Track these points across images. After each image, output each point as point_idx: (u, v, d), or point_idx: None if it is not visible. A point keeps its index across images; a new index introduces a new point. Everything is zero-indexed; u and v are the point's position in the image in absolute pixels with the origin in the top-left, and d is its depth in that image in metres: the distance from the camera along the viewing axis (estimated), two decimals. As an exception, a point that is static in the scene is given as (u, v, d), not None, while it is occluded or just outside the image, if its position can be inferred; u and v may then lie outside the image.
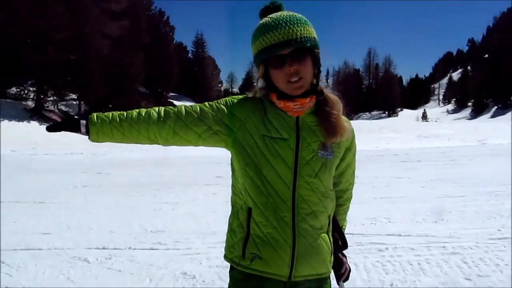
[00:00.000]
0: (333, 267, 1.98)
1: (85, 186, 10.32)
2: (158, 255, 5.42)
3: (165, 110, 1.87)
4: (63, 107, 45.16)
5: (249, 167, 1.78)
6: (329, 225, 1.91)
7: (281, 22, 1.71)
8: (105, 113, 1.90)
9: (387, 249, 5.42)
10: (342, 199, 2.08)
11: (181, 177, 11.29)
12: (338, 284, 2.08)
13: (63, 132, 1.89)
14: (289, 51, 1.70)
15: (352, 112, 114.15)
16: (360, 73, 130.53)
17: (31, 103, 42.66)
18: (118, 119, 1.86)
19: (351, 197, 2.16)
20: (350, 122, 1.94)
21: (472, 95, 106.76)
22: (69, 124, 1.87)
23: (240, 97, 1.88)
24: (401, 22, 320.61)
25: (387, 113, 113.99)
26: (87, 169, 13.24)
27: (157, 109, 1.88)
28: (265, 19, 1.77)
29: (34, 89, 43.16)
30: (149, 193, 9.12)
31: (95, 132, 1.85)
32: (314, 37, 1.76)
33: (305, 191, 1.77)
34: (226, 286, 1.96)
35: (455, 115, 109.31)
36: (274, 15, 1.76)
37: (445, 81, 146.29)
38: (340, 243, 2.04)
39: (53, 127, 1.88)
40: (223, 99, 1.87)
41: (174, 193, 9.22)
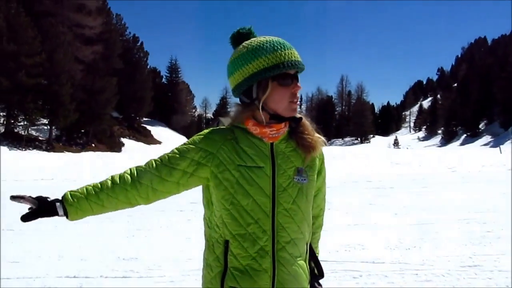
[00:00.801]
0: None
1: (56, 213, 10.09)
2: (131, 283, 5.32)
3: (137, 169, 1.86)
4: (33, 132, 44.47)
5: (226, 200, 1.76)
6: (306, 252, 1.91)
7: (286, 44, 1.78)
8: (78, 189, 1.87)
9: (361, 276, 5.44)
10: (314, 226, 2.04)
11: (154, 204, 11.12)
12: None
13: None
14: (294, 72, 1.77)
15: (325, 138, 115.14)
16: (333, 100, 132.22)
17: (0, 128, 41.90)
18: (94, 193, 1.84)
19: (322, 224, 2.15)
20: (320, 134, 1.97)
21: (441, 123, 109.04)
22: (44, 209, 1.84)
23: (206, 131, 1.86)
24: (373, 50, 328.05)
25: (359, 139, 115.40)
26: (59, 195, 12.95)
27: (128, 171, 1.86)
28: (264, 38, 1.79)
29: (4, 113, 42.45)
30: (121, 220, 8.96)
31: (73, 212, 1.84)
32: None
33: (284, 219, 1.76)
34: (200, 314, 1.92)
35: (425, 142, 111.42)
36: (268, 38, 1.80)
37: (415, 108, 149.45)
38: (316, 272, 2.02)
39: (28, 216, 1.84)
40: (190, 139, 1.86)
41: (147, 219, 9.09)
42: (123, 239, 7.50)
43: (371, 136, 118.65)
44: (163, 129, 79.25)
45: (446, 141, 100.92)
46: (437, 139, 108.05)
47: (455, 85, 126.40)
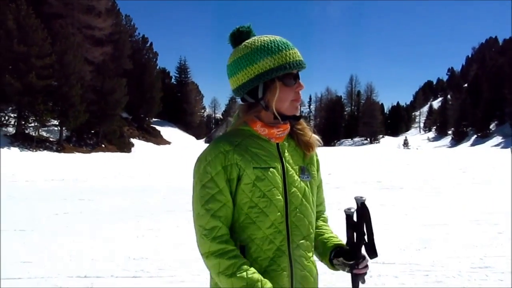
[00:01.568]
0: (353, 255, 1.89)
1: (66, 213, 10.17)
2: (141, 283, 5.35)
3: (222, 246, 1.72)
4: (44, 133, 44.78)
5: (244, 203, 1.76)
6: (312, 248, 1.93)
7: (289, 43, 1.80)
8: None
9: (371, 277, 5.43)
10: (321, 219, 2.10)
11: (163, 205, 11.19)
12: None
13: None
14: (297, 71, 1.80)
15: (334, 138, 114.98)
16: (342, 100, 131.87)
17: (11, 129, 42.20)
18: None
19: (327, 217, 2.17)
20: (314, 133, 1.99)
21: (452, 124, 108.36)
22: None
23: (211, 148, 1.79)
24: (383, 50, 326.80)
25: (369, 140, 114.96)
26: (69, 196, 13.06)
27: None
28: (266, 38, 1.79)
29: (15, 115, 42.77)
30: (131, 220, 9.02)
31: None
32: None
33: (296, 217, 1.79)
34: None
35: (435, 142, 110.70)
36: (271, 37, 1.80)
37: (425, 109, 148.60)
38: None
39: None
40: (204, 168, 1.77)
41: (157, 220, 9.14)
42: (133, 239, 7.53)
43: (381, 136, 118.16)
44: (172, 129, 79.53)
45: (456, 141, 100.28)
46: (447, 140, 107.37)
47: (466, 85, 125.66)
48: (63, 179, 18.43)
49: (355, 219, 1.87)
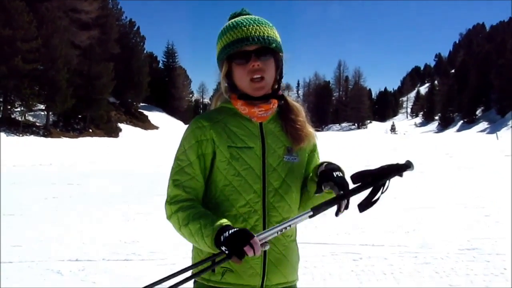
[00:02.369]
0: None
1: (56, 197, 10.14)
2: (133, 266, 5.37)
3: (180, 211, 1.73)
4: (30, 118, 44.35)
5: (218, 181, 1.77)
6: (296, 232, 1.91)
7: (250, 20, 1.76)
8: None
9: (361, 258, 5.51)
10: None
11: (152, 189, 11.17)
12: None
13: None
14: (254, 48, 1.72)
15: (322, 123, 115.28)
16: (330, 85, 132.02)
17: (-2, 114, 41.76)
18: None
19: None
20: (312, 127, 1.95)
21: (439, 109, 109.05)
22: None
23: (192, 123, 1.83)
24: (371, 35, 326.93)
25: (356, 125, 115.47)
26: (57, 181, 13.01)
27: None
28: (233, 19, 1.81)
29: (0, 99, 42.27)
30: (121, 204, 9.02)
31: None
32: (279, 41, 1.80)
33: (275, 198, 1.75)
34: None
35: (422, 128, 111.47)
36: (243, 16, 1.82)
37: (413, 94, 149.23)
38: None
39: None
40: (182, 141, 1.82)
41: (146, 203, 9.13)
42: (123, 223, 7.55)
43: (368, 121, 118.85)
44: (160, 114, 79.11)
45: (443, 127, 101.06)
46: (434, 125, 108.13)
47: (453, 71, 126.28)
48: (50, 163, 18.35)
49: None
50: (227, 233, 1.53)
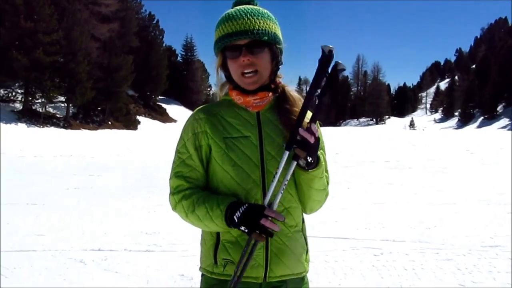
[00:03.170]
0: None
1: (77, 188, 10.25)
2: (154, 256, 5.42)
3: (184, 199, 1.79)
4: (51, 109, 44.87)
5: (217, 172, 1.77)
6: (303, 222, 1.88)
7: (241, 13, 1.74)
8: None
9: (382, 254, 5.47)
10: None
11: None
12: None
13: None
14: (245, 42, 1.71)
15: (340, 118, 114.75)
16: (348, 80, 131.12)
17: (19, 105, 42.33)
18: None
19: (329, 178, 1.98)
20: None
21: (458, 105, 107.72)
22: None
23: (190, 116, 1.87)
24: (390, 30, 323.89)
25: (374, 120, 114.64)
26: (78, 172, 13.15)
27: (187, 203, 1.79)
28: (228, 10, 1.80)
29: (22, 91, 42.85)
30: (142, 196, 9.08)
31: None
32: (274, 32, 1.76)
33: (275, 188, 1.69)
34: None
35: (441, 124, 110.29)
36: (238, 7, 1.79)
37: (432, 90, 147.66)
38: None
39: None
40: (181, 133, 1.87)
41: (166, 196, 9.15)
42: (145, 214, 7.60)
43: (387, 117, 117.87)
44: (178, 107, 79.41)
45: (462, 123, 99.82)
46: (454, 121, 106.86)
47: (474, 66, 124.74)
48: (71, 155, 18.54)
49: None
50: (238, 213, 1.59)
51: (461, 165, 14.73)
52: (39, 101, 43.06)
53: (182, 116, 73.60)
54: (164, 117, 67.71)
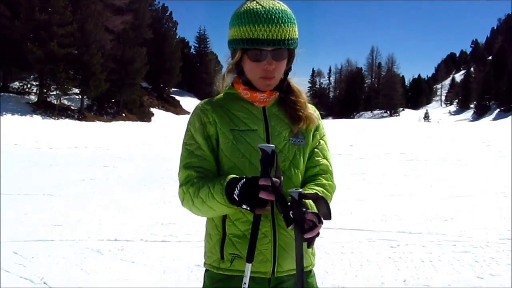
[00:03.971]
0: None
1: (93, 179, 10.32)
2: (170, 247, 5.44)
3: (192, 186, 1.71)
4: (65, 101, 45.22)
5: (224, 163, 1.74)
6: None
7: (273, 17, 1.64)
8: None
9: (398, 245, 5.44)
10: (314, 184, 1.81)
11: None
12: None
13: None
14: (273, 49, 1.66)
15: (353, 110, 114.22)
16: (362, 72, 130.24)
17: (33, 97, 42.72)
18: None
19: (329, 184, 1.86)
20: (316, 110, 1.91)
21: (474, 97, 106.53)
22: None
23: (195, 108, 1.83)
24: (405, 21, 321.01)
25: (388, 112, 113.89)
26: (93, 163, 13.24)
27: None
28: (255, 5, 1.68)
29: (37, 83, 43.23)
30: (157, 187, 9.12)
31: None
32: (297, 38, 1.72)
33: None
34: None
35: (457, 116, 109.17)
36: (265, 4, 1.68)
37: (447, 82, 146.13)
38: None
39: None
40: (188, 125, 1.82)
41: (181, 187, 9.20)
42: (160, 205, 7.63)
43: (401, 109, 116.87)
44: (191, 99, 79.54)
45: (478, 115, 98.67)
46: (469, 114, 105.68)
47: (490, 58, 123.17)
48: (86, 146, 18.66)
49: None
50: (236, 190, 1.52)
51: (477, 158, 14.59)
52: (54, 93, 43.42)
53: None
54: (177, 109, 67.88)
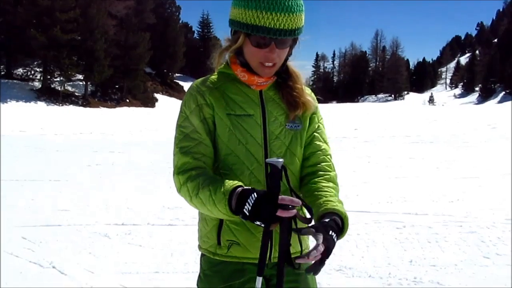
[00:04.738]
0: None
1: (99, 164, 10.36)
2: (177, 231, 5.48)
3: (190, 179, 1.63)
4: (69, 88, 45.23)
5: (221, 148, 1.70)
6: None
7: (281, 3, 1.56)
8: None
9: (404, 227, 5.46)
10: (315, 175, 1.78)
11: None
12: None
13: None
14: (278, 37, 1.59)
15: (358, 94, 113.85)
16: (367, 55, 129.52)
17: (37, 84, 42.73)
18: None
19: (330, 172, 1.81)
20: (313, 94, 1.86)
21: (479, 80, 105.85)
22: None
23: (190, 89, 1.77)
24: (410, 4, 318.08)
25: (393, 96, 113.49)
26: (99, 149, 13.28)
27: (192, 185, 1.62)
28: None
29: (40, 69, 43.21)
30: (163, 172, 9.11)
31: None
32: (303, 25, 1.65)
33: None
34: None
35: (462, 99, 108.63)
36: None
37: (452, 65, 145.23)
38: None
39: None
40: (182, 106, 1.75)
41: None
42: (166, 190, 7.61)
43: (405, 93, 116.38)
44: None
45: (483, 98, 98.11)
46: (474, 97, 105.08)
47: (495, 40, 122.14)
48: (91, 132, 18.71)
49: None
50: (247, 205, 1.44)
51: (483, 140, 14.55)
52: (58, 79, 43.43)
53: (199, 93, 73.66)
54: (181, 94, 67.66)
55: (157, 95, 58.51)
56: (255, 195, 1.44)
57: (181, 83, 73.08)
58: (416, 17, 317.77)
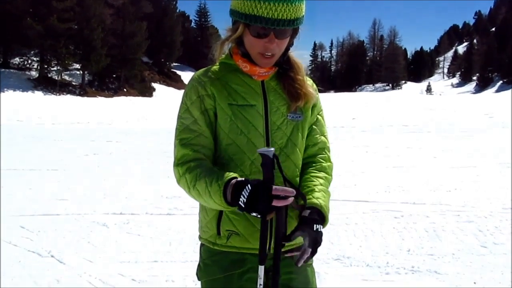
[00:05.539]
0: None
1: (96, 154, 10.35)
2: (175, 220, 5.50)
3: (190, 168, 1.64)
4: (66, 77, 45.05)
5: (222, 139, 1.70)
6: None
7: None
8: None
9: (402, 216, 5.48)
10: (314, 166, 1.82)
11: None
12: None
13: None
14: (277, 27, 1.59)
15: (355, 84, 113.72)
16: (364, 45, 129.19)
17: (34, 73, 42.57)
18: None
19: (331, 167, 1.86)
20: (314, 85, 1.86)
21: (477, 69, 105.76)
22: None
23: (191, 80, 1.78)
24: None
25: (390, 85, 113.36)
26: (96, 138, 13.26)
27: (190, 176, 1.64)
28: None
29: (37, 59, 43.02)
30: (161, 161, 9.12)
31: None
32: (304, 14, 1.64)
33: (280, 158, 1.65)
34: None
35: (459, 89, 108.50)
36: None
37: (450, 54, 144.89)
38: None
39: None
40: (183, 98, 1.76)
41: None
42: (164, 179, 7.61)
43: (403, 82, 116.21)
44: (192, 74, 79.22)
45: (481, 87, 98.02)
46: (472, 86, 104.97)
47: (493, 29, 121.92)
48: (88, 122, 18.69)
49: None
50: (242, 197, 1.46)
51: (480, 129, 14.58)
52: (55, 68, 43.26)
53: (197, 82, 73.46)
54: (178, 84, 67.54)
55: (154, 85, 58.35)
56: (249, 186, 1.46)
57: (178, 72, 72.85)
58: (413, 6, 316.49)
